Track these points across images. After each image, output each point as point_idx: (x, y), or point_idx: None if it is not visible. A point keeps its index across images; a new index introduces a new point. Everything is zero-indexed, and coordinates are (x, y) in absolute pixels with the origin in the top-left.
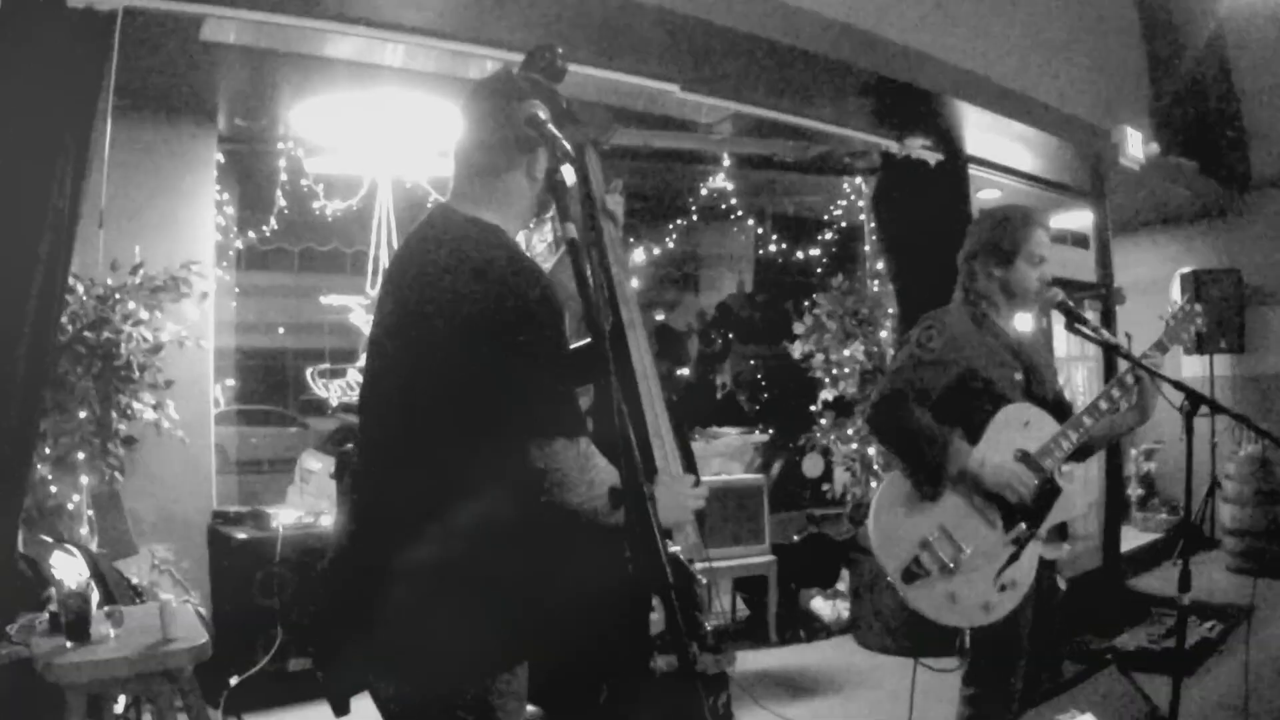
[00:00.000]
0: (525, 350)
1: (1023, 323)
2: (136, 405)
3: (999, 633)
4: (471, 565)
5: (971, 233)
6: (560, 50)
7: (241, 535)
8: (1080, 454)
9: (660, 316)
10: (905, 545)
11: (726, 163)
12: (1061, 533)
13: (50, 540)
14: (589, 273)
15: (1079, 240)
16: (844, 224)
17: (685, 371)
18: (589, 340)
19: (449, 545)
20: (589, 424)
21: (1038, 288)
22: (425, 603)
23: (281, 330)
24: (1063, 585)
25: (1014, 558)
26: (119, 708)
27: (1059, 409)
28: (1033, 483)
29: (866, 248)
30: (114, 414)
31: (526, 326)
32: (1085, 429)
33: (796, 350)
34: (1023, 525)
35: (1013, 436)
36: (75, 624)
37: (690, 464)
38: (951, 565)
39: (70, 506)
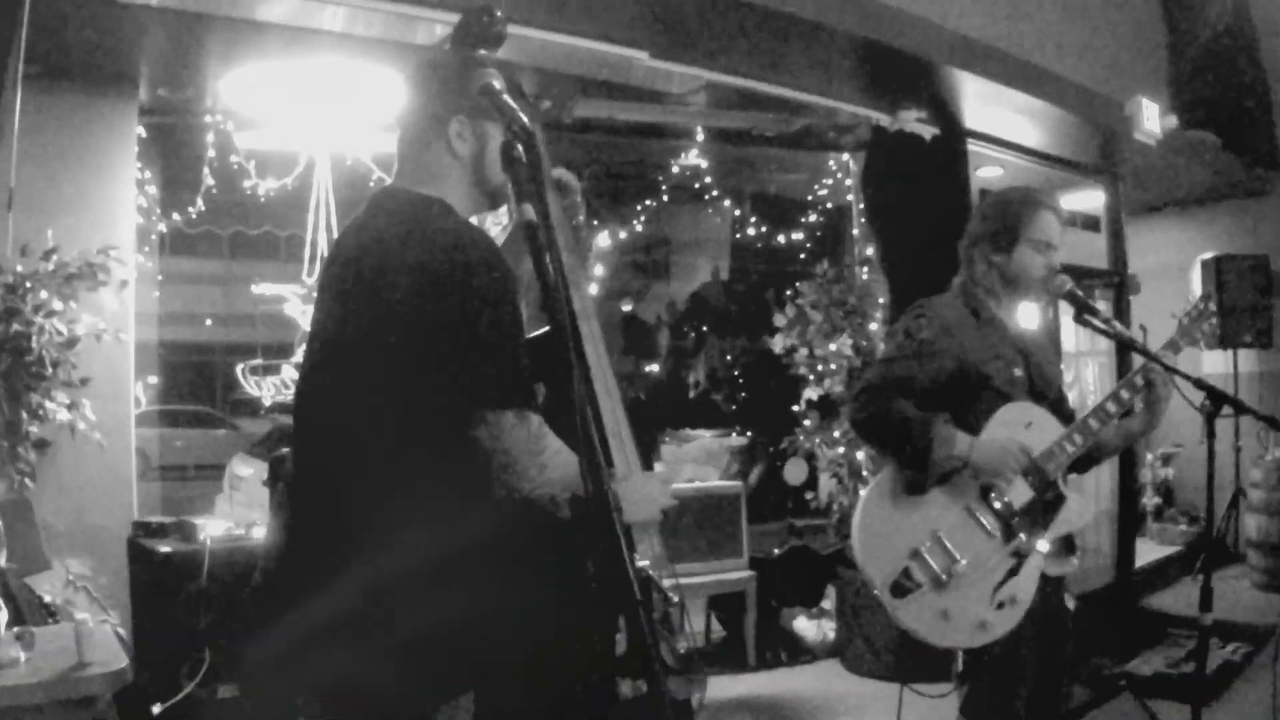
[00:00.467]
0: (478, 332)
1: (1028, 316)
2: (49, 405)
3: (997, 655)
4: (413, 585)
5: (974, 215)
6: (498, 13)
7: (165, 549)
8: (1084, 463)
9: (627, 307)
10: (894, 554)
11: (700, 137)
12: (1068, 546)
13: None
14: (548, 259)
15: (1089, 223)
16: (830, 205)
17: (655, 368)
18: (545, 330)
19: (390, 561)
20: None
21: (1043, 275)
22: (362, 626)
23: (209, 322)
24: (1072, 604)
25: (1013, 571)
26: None
27: (1061, 411)
28: (1023, 459)
29: (855, 231)
30: (24, 414)
31: (480, 308)
32: (1092, 433)
33: (778, 344)
34: (1022, 536)
35: (1014, 438)
36: None
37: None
38: (945, 577)
39: None
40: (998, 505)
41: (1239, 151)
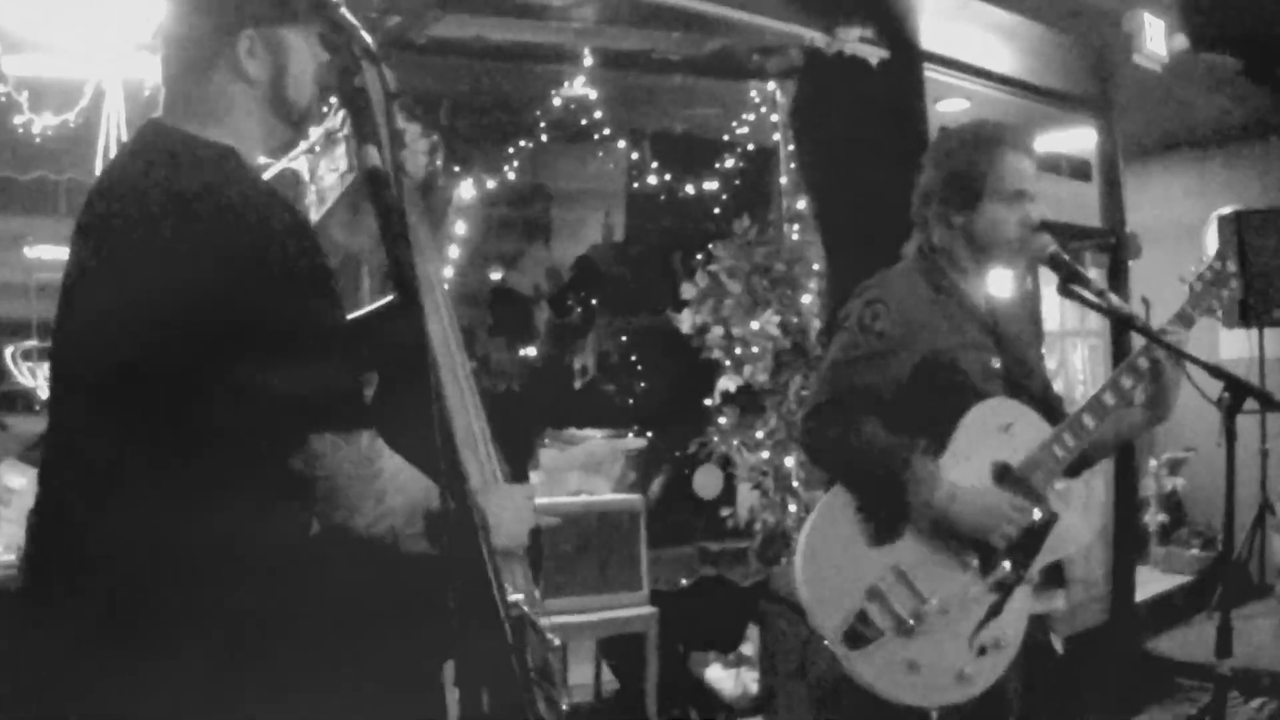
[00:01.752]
0: (274, 316)
1: (1000, 286)
2: None
3: (980, 714)
4: (194, 633)
5: (925, 165)
6: None
7: None
8: (1076, 467)
9: (496, 275)
10: (848, 594)
11: (588, 62)
12: (1054, 577)
13: None
14: (396, 215)
15: (1078, 170)
16: (751, 147)
17: (531, 351)
18: (384, 303)
19: (159, 601)
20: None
21: (1018, 235)
22: (119, 680)
23: None
24: (1059, 647)
25: (995, 609)
26: None
27: (1047, 406)
28: (1029, 514)
29: (783, 180)
30: None
31: (284, 301)
32: (1086, 433)
33: (686, 322)
34: (1006, 566)
35: (989, 444)
36: None
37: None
38: (911, 622)
39: None
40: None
41: (1264, 79)
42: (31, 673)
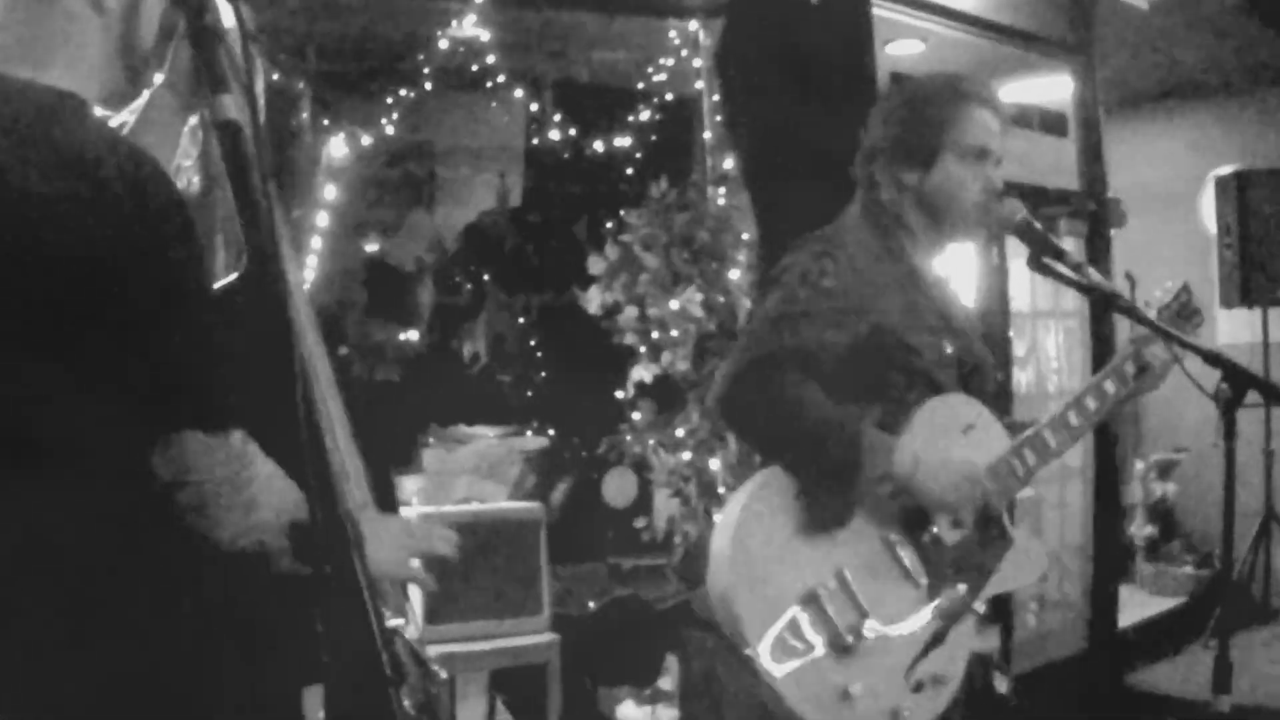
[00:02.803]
0: (144, 312)
1: (958, 262)
2: None
3: None
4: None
5: (872, 120)
6: None
7: None
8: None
9: (372, 247)
10: (779, 596)
11: None
12: (996, 612)
13: None
14: (255, 176)
15: (1052, 124)
16: (670, 98)
17: (413, 336)
18: (232, 279)
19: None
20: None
21: (980, 200)
22: None
23: None
24: (1004, 688)
25: (939, 637)
26: None
27: (1002, 401)
28: (987, 491)
29: (707, 135)
30: None
31: (151, 272)
32: (1049, 452)
33: (594, 301)
34: (961, 588)
35: (948, 445)
36: None
37: (388, 501)
38: (849, 639)
39: None
40: (925, 539)
41: (1272, 20)
42: None
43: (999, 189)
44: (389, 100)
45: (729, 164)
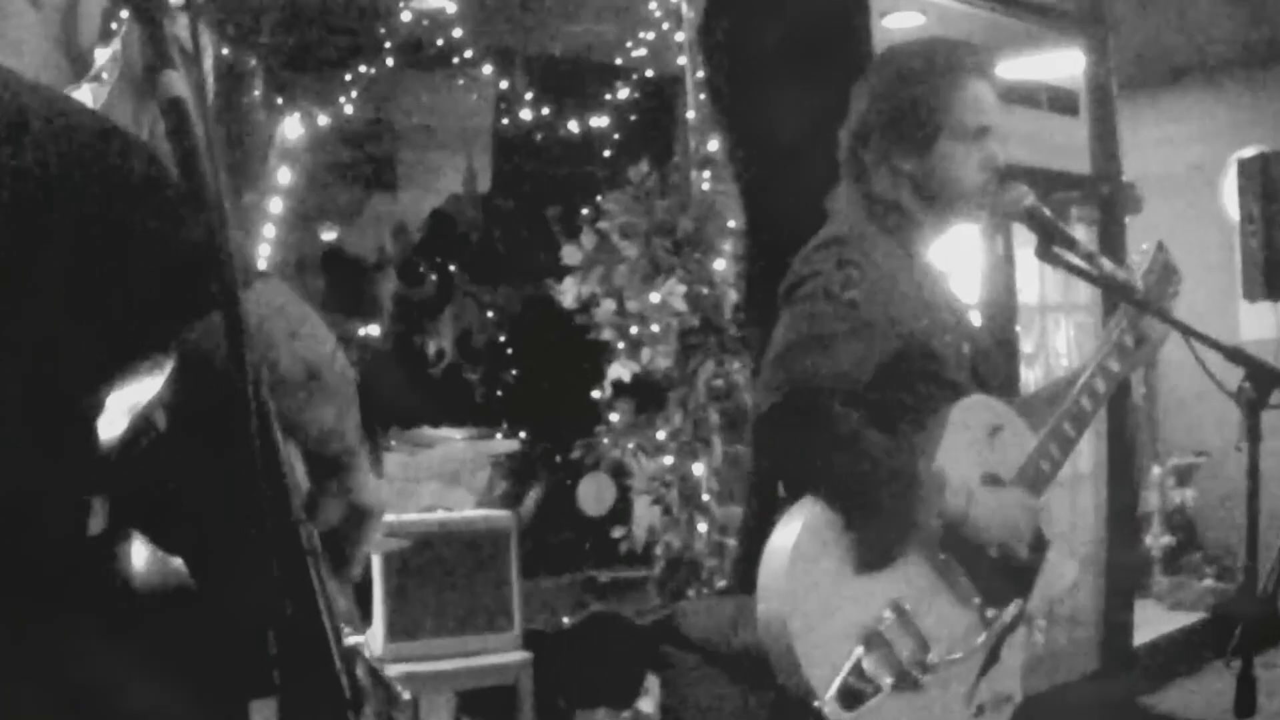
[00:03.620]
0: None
1: (961, 252)
2: None
3: None
4: None
5: (859, 95)
6: None
7: None
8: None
9: (330, 235)
10: (840, 638)
11: None
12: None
13: None
14: (205, 160)
15: (1062, 103)
16: (650, 74)
17: (374, 331)
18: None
19: None
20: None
21: (981, 182)
22: None
23: None
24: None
25: (994, 656)
26: None
27: (1011, 395)
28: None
29: (690, 115)
30: None
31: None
32: (1070, 442)
33: (569, 294)
34: (1017, 601)
35: (975, 452)
36: None
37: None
38: (915, 674)
39: None
40: (975, 555)
41: None
42: None
43: (1001, 164)
44: (348, 77)
45: (713, 146)
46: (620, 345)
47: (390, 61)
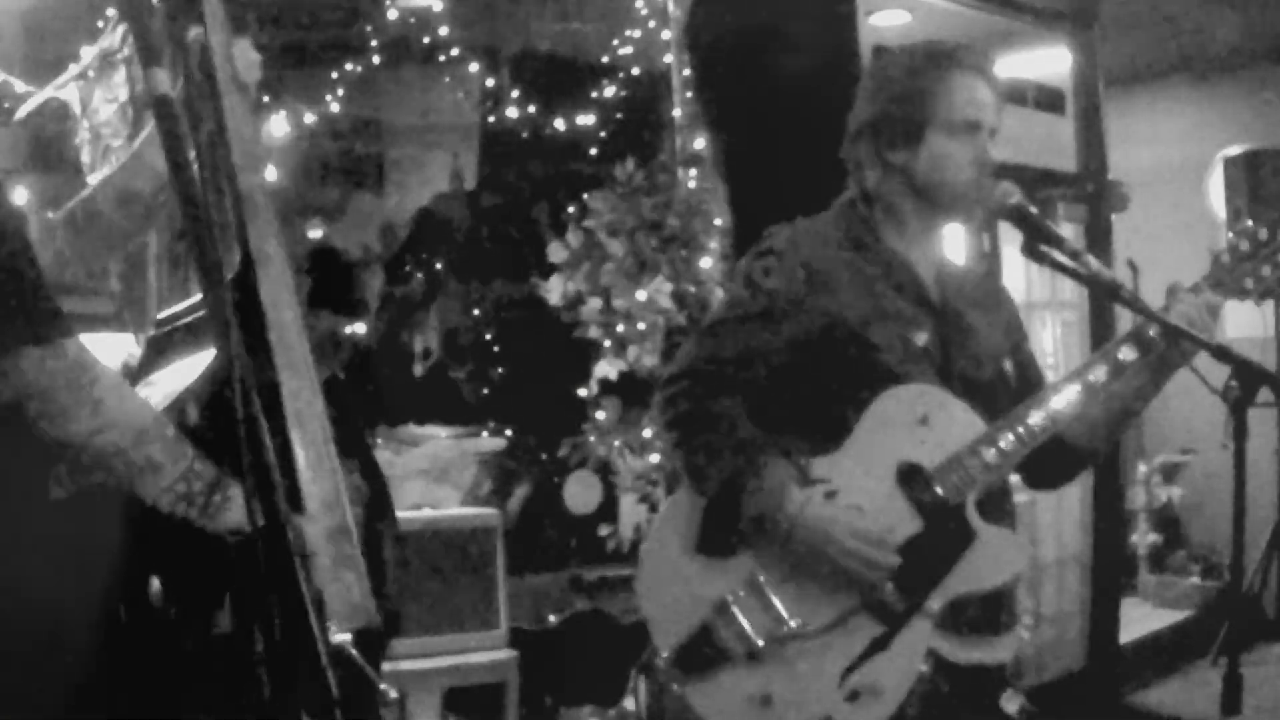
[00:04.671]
0: None
1: (955, 246)
2: None
3: None
4: None
5: (859, 94)
6: None
7: None
8: (1054, 468)
9: (316, 233)
10: (691, 605)
11: None
12: (996, 617)
13: None
14: (194, 156)
15: (1049, 101)
16: (636, 71)
17: (360, 329)
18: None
19: None
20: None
21: (971, 177)
22: None
23: None
24: (1013, 708)
25: (880, 644)
26: None
27: (995, 399)
28: (884, 563)
29: (676, 113)
30: None
31: None
32: (1033, 437)
33: (555, 292)
34: (889, 587)
35: (898, 440)
36: None
37: (381, 497)
38: (760, 643)
39: None
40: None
41: None
42: None
43: (993, 164)
44: (334, 74)
45: (700, 144)
46: (607, 343)
47: (376, 58)
